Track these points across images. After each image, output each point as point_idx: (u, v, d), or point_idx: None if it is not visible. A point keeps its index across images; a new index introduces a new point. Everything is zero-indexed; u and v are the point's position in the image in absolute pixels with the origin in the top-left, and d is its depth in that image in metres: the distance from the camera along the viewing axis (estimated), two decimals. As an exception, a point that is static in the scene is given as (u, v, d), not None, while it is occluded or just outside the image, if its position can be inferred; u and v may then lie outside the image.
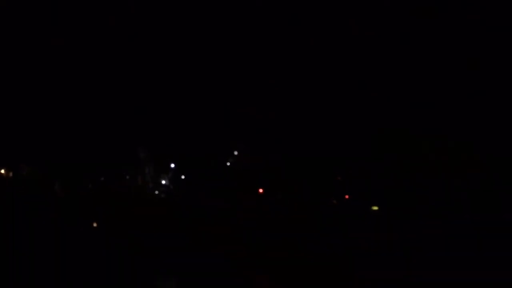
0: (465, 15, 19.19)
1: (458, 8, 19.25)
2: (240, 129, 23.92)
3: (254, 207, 20.68)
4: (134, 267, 12.59)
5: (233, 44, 22.40)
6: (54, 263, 12.35)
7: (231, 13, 21.56)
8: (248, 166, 24.03)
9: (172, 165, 25.03)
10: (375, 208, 19.98)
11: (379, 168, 21.36)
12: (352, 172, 22.23)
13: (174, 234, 16.27)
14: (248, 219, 18.69)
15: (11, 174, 21.59)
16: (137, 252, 13.87)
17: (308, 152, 22.76)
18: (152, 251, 13.92)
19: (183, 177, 24.97)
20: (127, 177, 23.62)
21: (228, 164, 24.56)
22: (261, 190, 22.62)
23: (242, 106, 23.25)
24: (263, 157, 23.58)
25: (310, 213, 19.90)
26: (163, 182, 24.80)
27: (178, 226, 17.67)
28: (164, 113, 23.51)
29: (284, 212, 20.11)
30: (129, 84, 22.39)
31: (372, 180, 21.44)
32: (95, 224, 18.34)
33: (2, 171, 21.98)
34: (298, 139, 22.83)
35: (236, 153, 24.67)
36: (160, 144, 24.17)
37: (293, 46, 21.79)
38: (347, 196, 21.43)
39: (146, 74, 22.57)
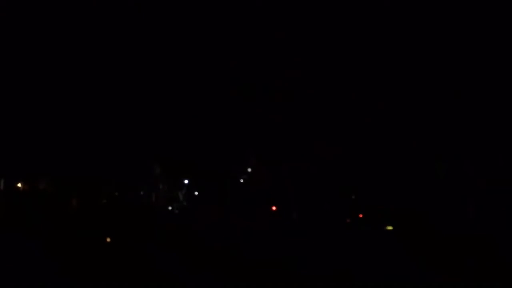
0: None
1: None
2: (254, 145, 23.95)
3: (266, 226, 20.54)
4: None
5: (247, 57, 22.43)
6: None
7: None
8: (262, 183, 23.98)
9: (186, 181, 25.08)
10: (390, 228, 19.79)
11: (395, 187, 21.20)
12: (367, 191, 22.09)
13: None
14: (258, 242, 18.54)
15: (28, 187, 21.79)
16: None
17: (321, 170, 22.68)
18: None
19: (196, 193, 25.01)
20: (141, 193, 23.69)
21: (242, 180, 24.55)
22: (274, 208, 22.53)
23: (255, 123, 23.27)
24: (277, 174, 23.53)
25: (322, 233, 19.72)
26: (178, 197, 24.86)
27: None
28: (178, 129, 23.60)
29: (296, 233, 19.96)
30: (145, 100, 22.52)
31: (387, 199, 21.27)
32: (108, 239, 18.37)
33: (19, 184, 22.18)
34: (312, 157, 22.75)
35: (249, 170, 24.66)
36: (174, 160, 24.24)
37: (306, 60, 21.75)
38: (361, 215, 21.28)
39: (162, 92, 22.71)
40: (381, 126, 21.43)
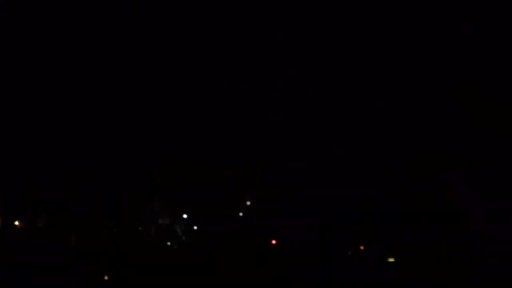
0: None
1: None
2: (252, 179, 23.85)
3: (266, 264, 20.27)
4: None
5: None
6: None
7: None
8: (261, 216, 23.81)
9: (185, 216, 24.91)
10: (391, 260, 19.58)
11: (395, 217, 21.03)
12: (368, 222, 21.91)
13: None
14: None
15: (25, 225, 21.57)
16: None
17: (321, 202, 22.54)
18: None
19: (195, 227, 24.80)
20: (140, 228, 23.50)
21: (241, 214, 24.40)
22: (274, 242, 22.32)
23: (252, 154, 23.23)
24: (276, 206, 23.38)
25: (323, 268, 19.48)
26: (177, 232, 24.66)
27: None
28: (177, 164, 23.54)
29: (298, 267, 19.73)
30: (144, 132, 22.49)
31: (389, 230, 21.09)
32: (106, 277, 18.14)
33: (17, 222, 21.95)
34: (311, 188, 22.64)
35: (248, 203, 24.53)
36: (173, 195, 24.11)
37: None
38: (362, 247, 21.07)
39: (161, 120, 22.69)
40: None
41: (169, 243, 23.85)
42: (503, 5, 18.50)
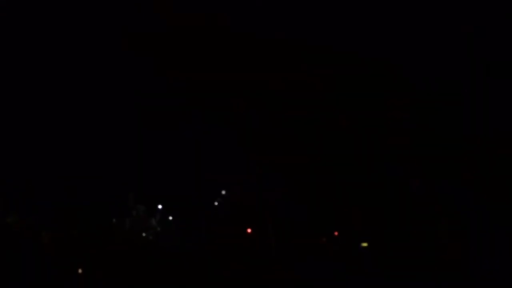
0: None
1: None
2: (228, 166, 23.78)
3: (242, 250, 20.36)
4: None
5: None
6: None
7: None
8: (237, 205, 23.79)
9: (160, 207, 24.74)
10: (365, 244, 19.77)
11: (369, 202, 21.20)
12: (342, 208, 22.03)
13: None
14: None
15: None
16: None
17: (297, 188, 22.61)
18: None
19: (170, 218, 24.68)
20: (114, 220, 23.30)
21: (216, 203, 24.32)
22: (249, 230, 22.36)
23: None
24: (252, 194, 23.38)
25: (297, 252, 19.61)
26: (152, 223, 24.51)
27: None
28: (153, 157, 23.40)
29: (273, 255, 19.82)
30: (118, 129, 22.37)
31: (363, 215, 21.24)
32: (80, 271, 18.06)
33: None
34: (288, 177, 22.70)
35: (223, 192, 24.44)
36: (147, 185, 23.94)
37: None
38: (336, 233, 21.21)
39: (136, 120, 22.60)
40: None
41: (144, 234, 23.73)
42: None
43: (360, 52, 20.58)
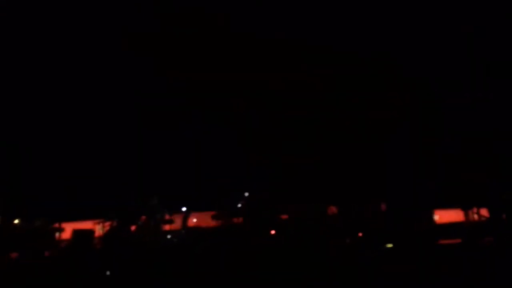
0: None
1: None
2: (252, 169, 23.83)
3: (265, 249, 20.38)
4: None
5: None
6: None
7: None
8: (260, 207, 23.84)
9: (184, 209, 24.91)
10: (390, 245, 19.65)
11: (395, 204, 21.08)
12: (366, 209, 21.96)
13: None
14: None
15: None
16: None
17: (321, 190, 22.58)
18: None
19: (195, 220, 24.85)
20: (139, 223, 23.52)
21: (239, 205, 24.41)
22: (273, 232, 22.40)
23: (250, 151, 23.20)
24: (275, 196, 23.40)
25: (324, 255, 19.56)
26: (175, 227, 24.70)
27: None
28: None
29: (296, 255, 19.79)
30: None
31: (387, 216, 21.15)
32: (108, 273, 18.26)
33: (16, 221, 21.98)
34: (311, 179, 22.68)
35: (246, 194, 24.53)
36: (171, 187, 24.10)
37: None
38: (360, 234, 21.14)
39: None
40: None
41: (169, 236, 23.90)
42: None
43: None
